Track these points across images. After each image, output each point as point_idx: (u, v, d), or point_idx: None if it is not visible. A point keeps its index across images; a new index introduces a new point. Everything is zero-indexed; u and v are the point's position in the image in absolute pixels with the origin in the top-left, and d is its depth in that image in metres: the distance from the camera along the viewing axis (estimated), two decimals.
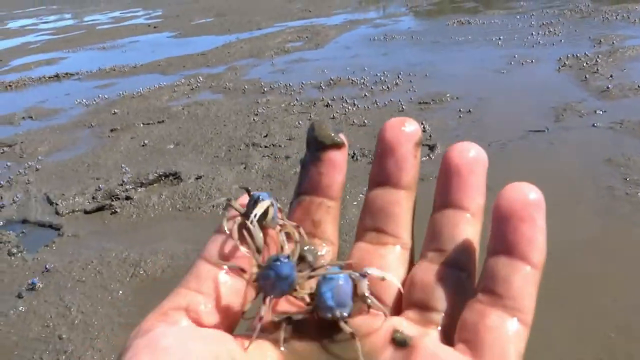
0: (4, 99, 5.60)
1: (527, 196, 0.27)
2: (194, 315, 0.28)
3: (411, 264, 0.32)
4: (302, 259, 0.32)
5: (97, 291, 2.01)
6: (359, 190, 2.45)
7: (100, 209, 2.66)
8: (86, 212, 2.65)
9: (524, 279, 0.27)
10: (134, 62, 6.49)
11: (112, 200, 2.69)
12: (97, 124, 4.14)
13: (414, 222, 0.33)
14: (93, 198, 2.75)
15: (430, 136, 2.97)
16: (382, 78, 4.27)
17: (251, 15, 9.50)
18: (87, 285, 2.06)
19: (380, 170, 0.33)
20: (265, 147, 3.14)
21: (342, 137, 0.33)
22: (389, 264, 0.32)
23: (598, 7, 6.03)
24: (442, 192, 0.31)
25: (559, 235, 1.88)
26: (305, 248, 0.33)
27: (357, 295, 0.30)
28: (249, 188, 0.33)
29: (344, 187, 0.34)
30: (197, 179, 2.80)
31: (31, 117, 4.59)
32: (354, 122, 3.37)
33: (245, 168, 2.88)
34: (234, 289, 0.29)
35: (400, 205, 0.32)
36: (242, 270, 0.30)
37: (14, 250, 2.35)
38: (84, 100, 4.89)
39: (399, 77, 4.24)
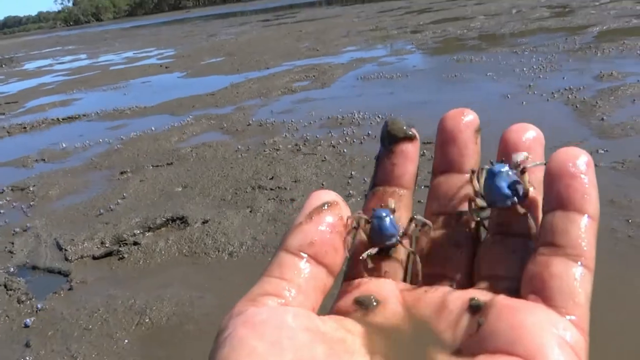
0: (19, 141, 5.76)
1: (576, 157, 0.29)
2: (280, 299, 0.30)
3: (478, 240, 0.35)
4: None
5: (103, 340, 2.04)
6: None
7: (108, 254, 2.71)
8: (94, 258, 2.70)
9: (582, 228, 0.29)
10: (145, 102, 6.65)
11: (120, 246, 2.74)
12: (107, 166, 4.24)
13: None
14: (102, 243, 2.80)
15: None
16: (387, 117, 4.34)
17: (260, 54, 9.72)
18: (93, 333, 2.09)
19: (443, 158, 0.36)
20: (271, 189, 3.19)
21: (414, 130, 0.36)
22: (459, 244, 0.34)
23: (599, 43, 6.10)
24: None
25: None
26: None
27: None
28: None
29: (416, 177, 0.36)
30: (203, 223, 2.84)
31: (44, 160, 4.70)
32: (359, 161, 3.42)
33: (251, 212, 2.92)
34: (313, 275, 0.32)
35: (465, 188, 0.35)
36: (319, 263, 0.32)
37: (23, 298, 2.39)
38: (96, 142, 5.01)
39: (404, 116, 4.30)
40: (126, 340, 2.02)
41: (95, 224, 3.06)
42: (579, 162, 0.29)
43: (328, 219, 0.33)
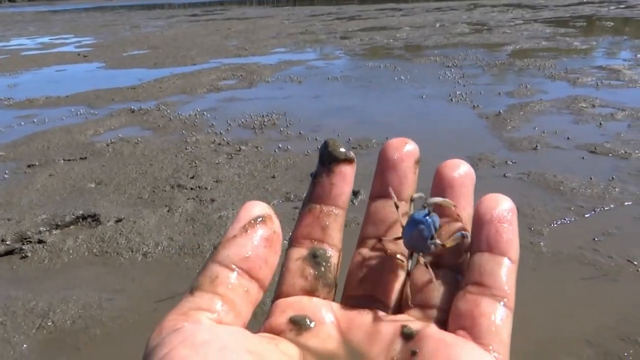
0: None
1: (503, 203, 0.33)
2: (213, 314, 0.29)
3: (409, 267, 0.36)
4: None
5: None
6: (286, 234, 2.46)
7: (9, 252, 2.52)
8: None
9: (506, 271, 0.32)
10: (59, 92, 6.27)
11: (23, 244, 2.56)
12: (13, 158, 3.95)
13: None
14: (2, 240, 2.60)
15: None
16: (312, 121, 4.37)
17: (186, 50, 9.47)
18: None
19: (382, 184, 0.37)
20: (191, 189, 3.11)
21: (352, 154, 0.37)
22: (392, 269, 0.36)
23: (512, 60, 6.51)
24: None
25: None
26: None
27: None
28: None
29: (349, 198, 0.38)
30: (117, 222, 2.72)
31: None
32: (283, 164, 3.42)
33: (168, 211, 2.83)
34: (246, 290, 0.31)
35: (400, 215, 0.37)
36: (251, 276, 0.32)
37: None
38: (1, 131, 4.65)
39: (328, 120, 4.36)
40: (25, 345, 1.89)
41: None
42: (505, 209, 0.33)
43: (262, 232, 0.33)
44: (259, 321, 0.35)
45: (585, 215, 2.53)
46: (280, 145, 3.80)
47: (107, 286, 2.21)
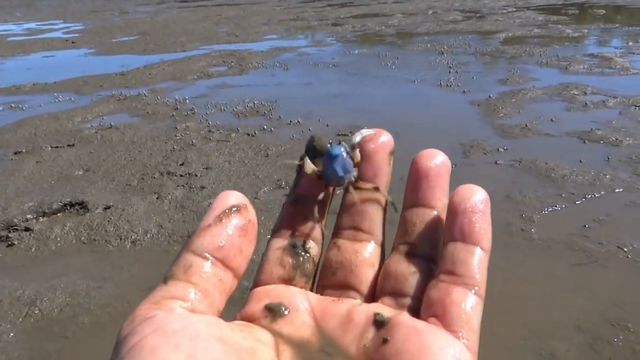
0: None
1: (477, 194, 0.34)
2: (186, 303, 0.30)
3: (383, 257, 0.37)
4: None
5: None
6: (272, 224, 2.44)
7: None
8: None
9: (478, 260, 0.32)
10: (47, 78, 6.18)
11: (10, 232, 2.52)
12: None
13: (385, 221, 0.38)
14: None
15: None
16: (303, 108, 4.34)
17: (176, 36, 9.36)
18: None
19: (357, 175, 0.38)
20: (181, 176, 3.08)
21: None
22: (364, 259, 0.36)
23: (505, 48, 6.49)
24: (412, 192, 0.36)
25: None
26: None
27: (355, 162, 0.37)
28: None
29: (334, 191, 0.39)
30: (105, 209, 2.68)
31: None
32: (274, 151, 3.39)
33: (158, 198, 2.80)
34: (219, 279, 0.31)
35: (375, 206, 0.37)
36: (227, 266, 0.32)
37: None
38: None
39: (319, 107, 4.32)
40: (11, 334, 1.86)
41: None
42: (479, 199, 0.33)
43: (236, 222, 0.32)
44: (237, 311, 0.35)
45: (576, 202, 2.54)
46: (271, 132, 3.76)
47: (96, 274, 2.18)
